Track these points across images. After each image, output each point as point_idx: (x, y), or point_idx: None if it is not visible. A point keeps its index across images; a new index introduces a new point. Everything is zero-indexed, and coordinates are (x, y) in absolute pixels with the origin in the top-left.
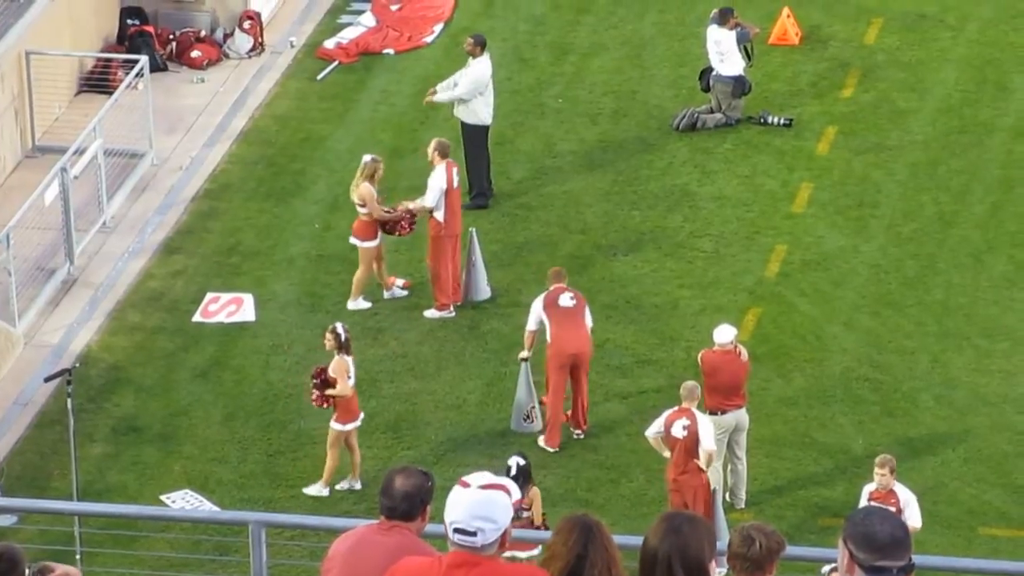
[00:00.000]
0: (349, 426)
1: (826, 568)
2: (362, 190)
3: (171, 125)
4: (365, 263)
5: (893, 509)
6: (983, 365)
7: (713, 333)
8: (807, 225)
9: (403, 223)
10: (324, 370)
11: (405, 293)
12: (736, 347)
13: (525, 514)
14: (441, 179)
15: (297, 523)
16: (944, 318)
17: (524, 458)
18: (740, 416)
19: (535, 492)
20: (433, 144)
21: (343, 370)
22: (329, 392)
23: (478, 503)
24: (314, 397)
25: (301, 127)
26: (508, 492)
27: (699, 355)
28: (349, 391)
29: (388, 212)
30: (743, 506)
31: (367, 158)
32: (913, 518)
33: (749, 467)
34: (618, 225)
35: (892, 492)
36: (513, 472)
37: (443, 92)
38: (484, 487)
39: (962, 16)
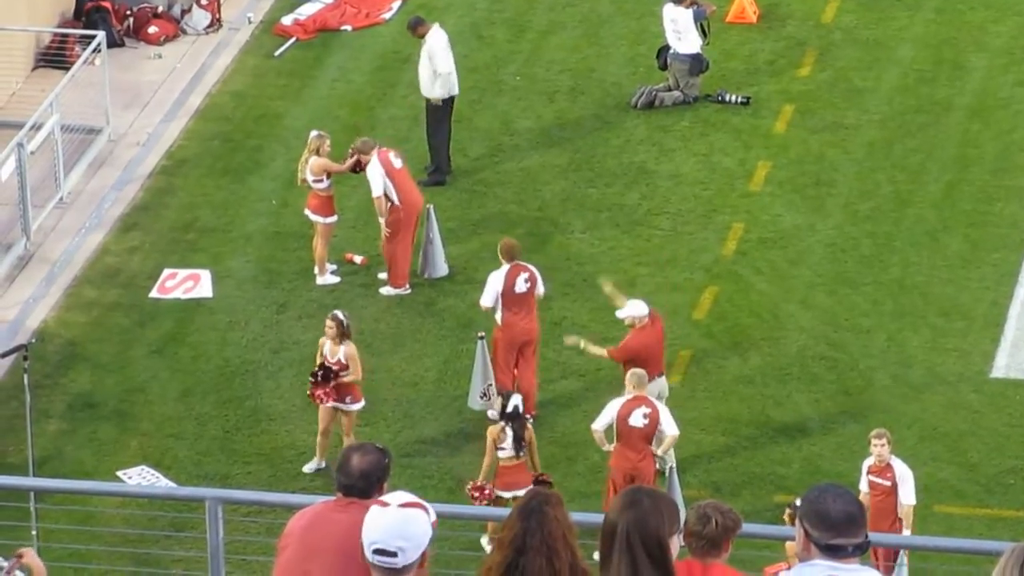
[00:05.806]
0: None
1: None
2: (316, 164)
3: (128, 101)
4: (324, 238)
5: (888, 483)
6: (939, 344)
7: (627, 313)
8: (764, 203)
9: (359, 159)
10: (323, 365)
11: (337, 280)
12: (651, 312)
13: (523, 454)
14: (377, 168)
15: (254, 499)
16: (900, 297)
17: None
18: (662, 384)
19: (531, 432)
20: (352, 149)
21: (355, 354)
22: (349, 379)
23: (398, 522)
24: (322, 392)
25: (258, 104)
26: (427, 511)
27: (626, 343)
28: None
29: (344, 162)
30: None
31: (313, 134)
32: (907, 495)
33: (705, 445)
34: (575, 203)
35: (889, 466)
36: (511, 410)
37: (427, 91)
38: (403, 506)
39: None
